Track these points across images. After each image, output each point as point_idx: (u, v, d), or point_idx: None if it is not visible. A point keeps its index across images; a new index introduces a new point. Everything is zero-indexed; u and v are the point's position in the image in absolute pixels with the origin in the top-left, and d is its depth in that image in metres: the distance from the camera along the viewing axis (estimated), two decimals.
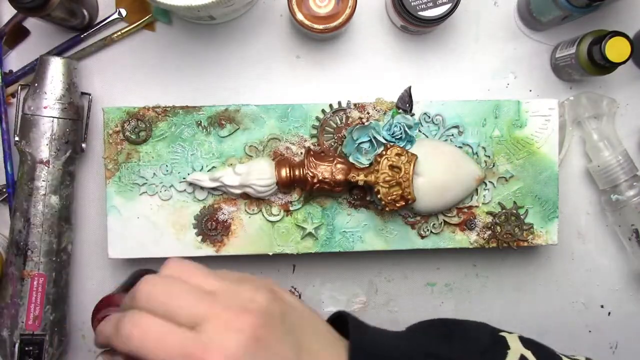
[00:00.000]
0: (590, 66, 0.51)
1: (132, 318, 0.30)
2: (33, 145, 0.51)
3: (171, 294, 0.31)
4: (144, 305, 0.31)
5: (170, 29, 0.56)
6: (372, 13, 0.56)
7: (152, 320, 0.30)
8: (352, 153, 0.50)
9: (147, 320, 0.30)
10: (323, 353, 0.33)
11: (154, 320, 0.30)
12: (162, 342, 0.29)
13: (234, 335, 0.29)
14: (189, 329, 0.30)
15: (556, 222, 0.52)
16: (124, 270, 0.56)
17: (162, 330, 0.29)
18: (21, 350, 0.51)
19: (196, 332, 0.29)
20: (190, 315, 0.30)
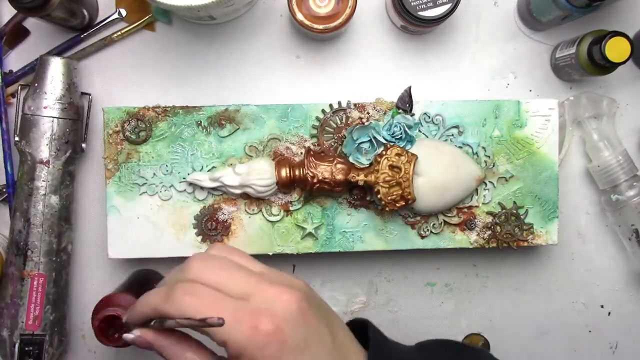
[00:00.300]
0: (590, 66, 0.51)
1: (185, 286, 0.32)
2: (33, 145, 0.51)
3: (222, 269, 0.33)
4: (195, 278, 0.33)
5: (170, 29, 0.56)
6: (372, 13, 0.56)
7: (206, 288, 0.32)
8: (352, 153, 0.50)
9: (201, 289, 0.32)
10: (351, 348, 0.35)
11: (207, 289, 0.32)
12: (216, 308, 0.31)
13: (281, 305, 0.32)
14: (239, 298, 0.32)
15: (556, 222, 0.52)
16: (124, 270, 0.56)
17: (215, 297, 0.32)
18: (21, 350, 0.51)
19: (246, 301, 0.32)
20: (241, 288, 0.32)
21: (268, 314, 0.31)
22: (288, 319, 0.32)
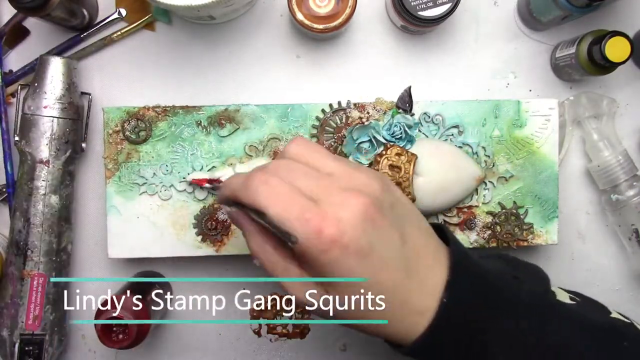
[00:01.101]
0: (590, 66, 0.51)
1: (263, 176, 0.33)
2: (33, 145, 0.51)
3: (295, 172, 0.34)
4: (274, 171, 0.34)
5: (170, 29, 0.56)
6: (372, 13, 0.56)
7: (281, 182, 0.33)
8: (352, 153, 0.50)
9: (276, 181, 0.33)
10: (424, 250, 0.36)
11: (282, 183, 0.33)
12: (286, 202, 0.32)
13: (348, 211, 0.32)
14: (310, 199, 0.32)
15: (556, 222, 0.52)
16: (124, 270, 0.56)
17: (288, 192, 0.32)
18: (21, 350, 0.51)
19: (316, 203, 0.32)
20: (313, 189, 0.33)
21: (333, 218, 0.32)
22: (352, 224, 0.32)
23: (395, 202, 0.35)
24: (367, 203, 0.32)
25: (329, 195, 0.33)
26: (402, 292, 0.34)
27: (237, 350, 0.57)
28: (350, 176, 0.34)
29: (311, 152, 0.35)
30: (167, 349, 0.57)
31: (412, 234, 0.35)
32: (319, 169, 0.35)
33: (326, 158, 0.35)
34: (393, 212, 0.34)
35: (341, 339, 0.58)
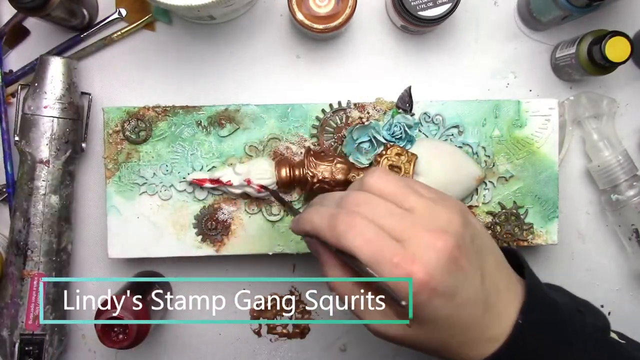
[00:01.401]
0: (590, 66, 0.51)
1: (348, 218, 0.33)
2: (33, 145, 0.51)
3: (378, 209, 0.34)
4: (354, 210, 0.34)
5: (170, 29, 0.56)
6: (372, 13, 0.56)
7: (367, 223, 0.33)
8: (352, 153, 0.50)
9: (362, 223, 0.33)
10: (501, 282, 0.36)
11: (368, 224, 0.33)
12: (375, 246, 0.32)
13: (434, 254, 0.32)
14: (397, 240, 0.33)
15: (556, 222, 0.52)
16: (124, 270, 0.56)
17: (375, 235, 0.33)
18: (21, 350, 0.51)
19: (402, 244, 0.33)
20: (398, 230, 0.33)
21: (422, 262, 0.32)
22: (439, 267, 0.32)
23: (474, 234, 0.35)
24: (452, 244, 0.33)
25: (414, 235, 0.33)
26: (478, 326, 0.35)
27: (237, 350, 0.57)
28: (433, 212, 0.34)
29: (392, 187, 0.35)
30: (167, 349, 0.57)
31: (490, 267, 0.36)
32: (400, 204, 0.34)
33: (407, 193, 0.35)
34: (473, 246, 0.35)
35: (341, 339, 0.58)
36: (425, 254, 0.32)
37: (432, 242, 0.32)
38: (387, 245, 0.32)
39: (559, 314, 0.37)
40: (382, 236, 0.33)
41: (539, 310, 0.36)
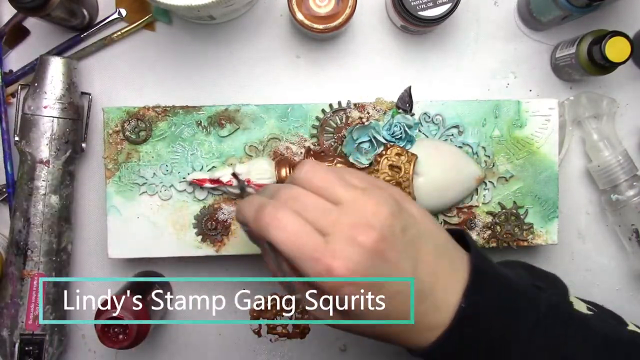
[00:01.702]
0: (590, 66, 0.51)
1: (273, 210, 0.33)
2: (33, 145, 0.51)
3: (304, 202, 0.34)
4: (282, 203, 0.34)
5: (170, 29, 0.56)
6: (372, 13, 0.56)
7: (290, 217, 0.33)
8: (352, 153, 0.50)
9: (286, 216, 0.33)
10: (440, 269, 0.35)
11: (292, 218, 0.33)
12: (297, 240, 0.32)
13: (357, 249, 0.32)
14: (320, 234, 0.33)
15: (556, 222, 0.52)
16: (124, 270, 0.56)
17: (297, 228, 0.33)
18: (21, 350, 0.51)
19: (326, 240, 0.32)
20: (322, 224, 0.33)
21: (342, 257, 0.32)
22: (361, 261, 0.32)
23: (407, 224, 0.34)
24: (375, 238, 0.32)
25: (338, 230, 0.33)
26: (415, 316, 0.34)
27: (237, 350, 0.57)
28: (360, 205, 0.34)
29: (319, 179, 0.35)
30: (167, 349, 0.57)
31: (426, 254, 0.35)
32: (328, 197, 0.34)
33: (335, 185, 0.35)
34: (405, 236, 0.34)
35: (341, 339, 0.58)
36: (347, 249, 0.32)
37: (354, 237, 0.32)
38: (310, 240, 0.32)
39: (510, 292, 0.36)
40: (305, 231, 0.33)
41: (486, 290, 0.35)
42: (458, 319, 0.34)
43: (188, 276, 0.57)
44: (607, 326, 0.39)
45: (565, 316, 0.37)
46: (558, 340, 0.36)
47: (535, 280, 0.40)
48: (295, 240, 0.32)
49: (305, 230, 0.33)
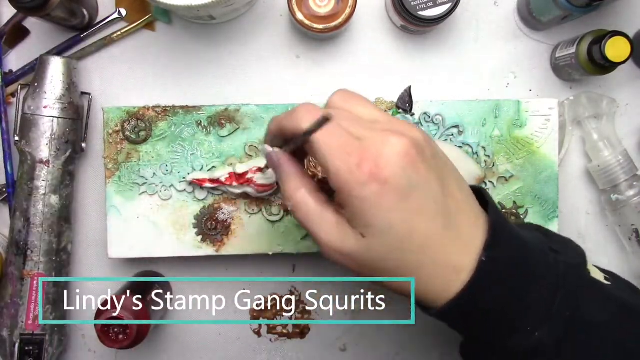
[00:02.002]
0: (590, 66, 0.51)
1: (309, 106, 0.34)
2: (33, 145, 0.51)
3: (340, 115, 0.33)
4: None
5: (170, 29, 0.56)
6: (372, 13, 0.56)
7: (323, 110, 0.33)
8: None
9: (318, 109, 0.33)
10: (465, 206, 0.35)
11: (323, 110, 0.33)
12: (330, 133, 0.32)
13: (389, 147, 0.31)
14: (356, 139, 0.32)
15: (556, 222, 0.52)
16: (124, 270, 0.56)
17: (332, 125, 0.32)
18: (21, 350, 0.51)
19: (360, 142, 0.32)
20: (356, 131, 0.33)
21: (373, 154, 0.31)
22: (392, 162, 0.31)
23: (436, 154, 0.34)
24: (409, 144, 0.32)
25: (372, 134, 0.32)
26: (438, 245, 0.33)
27: (237, 350, 0.57)
28: (394, 122, 0.34)
29: (355, 102, 0.35)
30: (167, 349, 0.57)
31: (453, 187, 0.34)
32: (364, 115, 0.34)
33: (370, 107, 0.35)
34: (435, 161, 0.33)
35: (341, 339, 0.58)
36: (381, 147, 0.32)
37: (389, 139, 0.32)
38: (342, 136, 0.32)
39: (528, 252, 0.35)
40: (339, 127, 0.32)
41: (504, 247, 0.34)
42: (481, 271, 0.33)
43: (188, 276, 0.57)
44: (624, 294, 0.38)
45: (583, 281, 0.37)
46: (577, 304, 0.35)
47: (553, 243, 0.39)
48: (329, 133, 0.32)
49: (341, 128, 0.32)
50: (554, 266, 0.35)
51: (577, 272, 0.37)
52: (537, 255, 0.36)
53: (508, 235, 0.35)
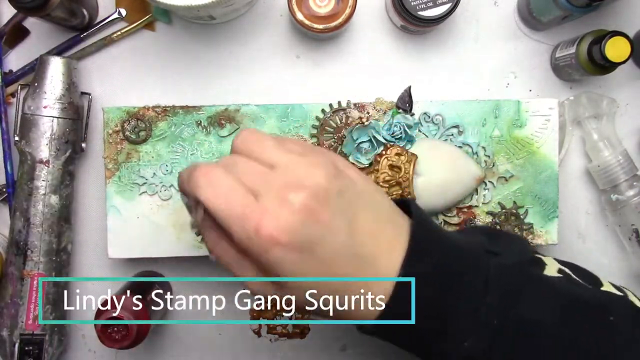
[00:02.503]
0: (590, 66, 0.51)
1: (205, 168, 0.33)
2: (33, 145, 0.51)
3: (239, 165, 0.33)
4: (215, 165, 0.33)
5: (170, 29, 0.56)
6: (372, 13, 0.56)
7: (222, 174, 0.32)
8: (352, 153, 0.50)
9: (218, 173, 0.32)
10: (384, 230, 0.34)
11: (224, 175, 0.32)
12: (225, 196, 0.31)
13: (286, 207, 0.31)
14: (252, 195, 0.32)
15: (556, 222, 0.52)
16: (124, 270, 0.56)
17: (228, 185, 0.32)
18: (21, 350, 0.51)
19: (257, 198, 0.32)
20: (254, 184, 0.32)
21: (272, 216, 0.31)
22: (290, 222, 0.31)
23: (344, 188, 0.33)
24: (308, 197, 0.31)
25: (269, 190, 0.32)
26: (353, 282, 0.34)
27: (237, 350, 0.57)
28: (294, 167, 0.33)
29: (255, 144, 0.34)
30: (167, 349, 0.57)
31: (365, 219, 0.34)
32: (263, 161, 0.33)
33: (270, 150, 0.34)
34: (341, 199, 0.33)
35: (341, 339, 0.58)
36: (278, 208, 0.31)
37: (285, 196, 0.31)
38: (239, 197, 0.31)
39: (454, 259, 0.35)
40: (235, 187, 0.32)
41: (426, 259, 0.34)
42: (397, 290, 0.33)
43: (188, 276, 0.57)
44: (573, 287, 0.38)
45: (518, 280, 0.36)
46: (509, 306, 0.35)
47: (494, 245, 0.38)
48: (224, 198, 0.31)
49: (236, 188, 0.32)
50: (484, 271, 0.35)
51: (514, 272, 0.36)
52: (465, 263, 0.36)
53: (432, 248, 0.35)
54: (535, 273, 0.38)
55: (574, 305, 0.37)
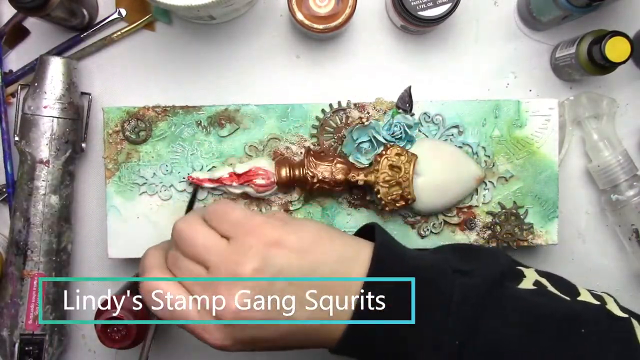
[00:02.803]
0: (590, 66, 0.51)
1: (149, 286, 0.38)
2: (33, 145, 0.51)
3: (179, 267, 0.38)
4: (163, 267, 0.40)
5: (170, 29, 0.56)
6: (372, 13, 0.56)
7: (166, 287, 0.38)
8: (352, 153, 0.50)
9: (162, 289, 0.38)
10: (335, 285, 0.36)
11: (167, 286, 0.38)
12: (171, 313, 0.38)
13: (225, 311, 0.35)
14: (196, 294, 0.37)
15: (556, 222, 0.52)
16: (124, 270, 0.56)
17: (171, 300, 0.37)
18: (21, 350, 0.51)
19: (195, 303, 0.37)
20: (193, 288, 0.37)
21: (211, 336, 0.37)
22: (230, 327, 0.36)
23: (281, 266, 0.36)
24: (242, 295, 0.35)
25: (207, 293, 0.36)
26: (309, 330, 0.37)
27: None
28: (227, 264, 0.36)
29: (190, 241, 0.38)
30: (167, 349, 0.57)
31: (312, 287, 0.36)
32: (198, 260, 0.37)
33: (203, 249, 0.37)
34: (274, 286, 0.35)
35: None
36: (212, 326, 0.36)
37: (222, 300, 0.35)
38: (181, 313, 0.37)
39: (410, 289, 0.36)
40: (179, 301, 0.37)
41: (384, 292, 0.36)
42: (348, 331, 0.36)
43: None
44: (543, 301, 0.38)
45: (484, 298, 0.36)
46: (472, 328, 0.35)
47: (464, 263, 0.39)
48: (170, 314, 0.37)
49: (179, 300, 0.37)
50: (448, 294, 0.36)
51: (480, 291, 0.37)
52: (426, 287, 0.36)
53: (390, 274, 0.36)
54: (505, 289, 0.38)
55: (541, 321, 0.37)
